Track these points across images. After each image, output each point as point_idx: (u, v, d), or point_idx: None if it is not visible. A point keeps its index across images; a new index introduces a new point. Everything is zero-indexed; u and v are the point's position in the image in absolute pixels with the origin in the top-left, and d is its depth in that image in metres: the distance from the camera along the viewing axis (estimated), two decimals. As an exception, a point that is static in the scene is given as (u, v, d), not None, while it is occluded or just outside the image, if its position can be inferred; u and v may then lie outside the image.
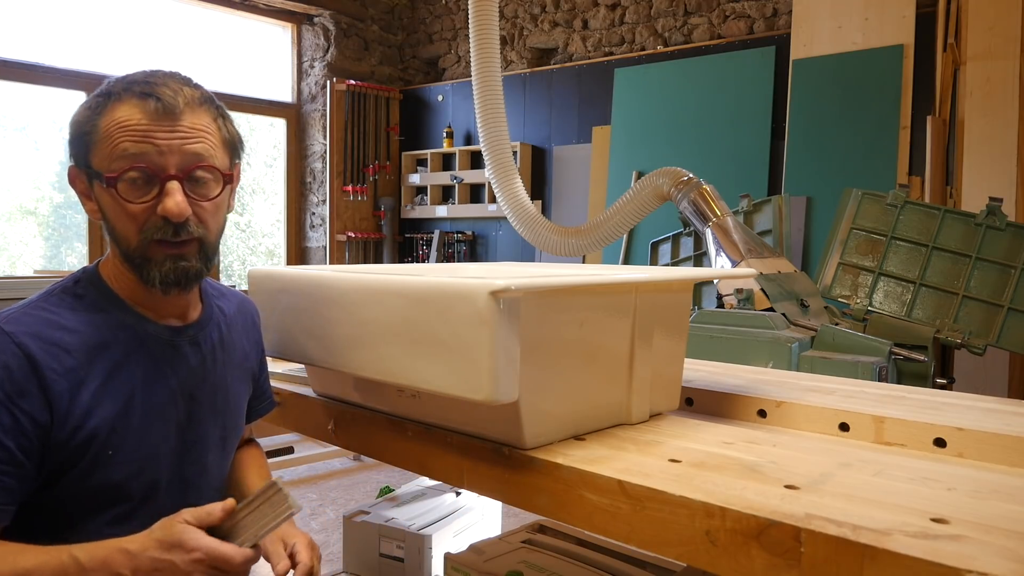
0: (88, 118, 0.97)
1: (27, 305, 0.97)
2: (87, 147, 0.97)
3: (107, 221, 0.99)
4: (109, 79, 1.01)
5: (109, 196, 0.96)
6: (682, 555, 0.76)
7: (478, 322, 0.86)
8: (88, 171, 0.98)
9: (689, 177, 2.95)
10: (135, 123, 0.95)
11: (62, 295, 0.99)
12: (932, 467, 0.87)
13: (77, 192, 1.02)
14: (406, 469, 1.10)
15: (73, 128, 1.00)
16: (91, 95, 1.01)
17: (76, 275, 1.03)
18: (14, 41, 5.16)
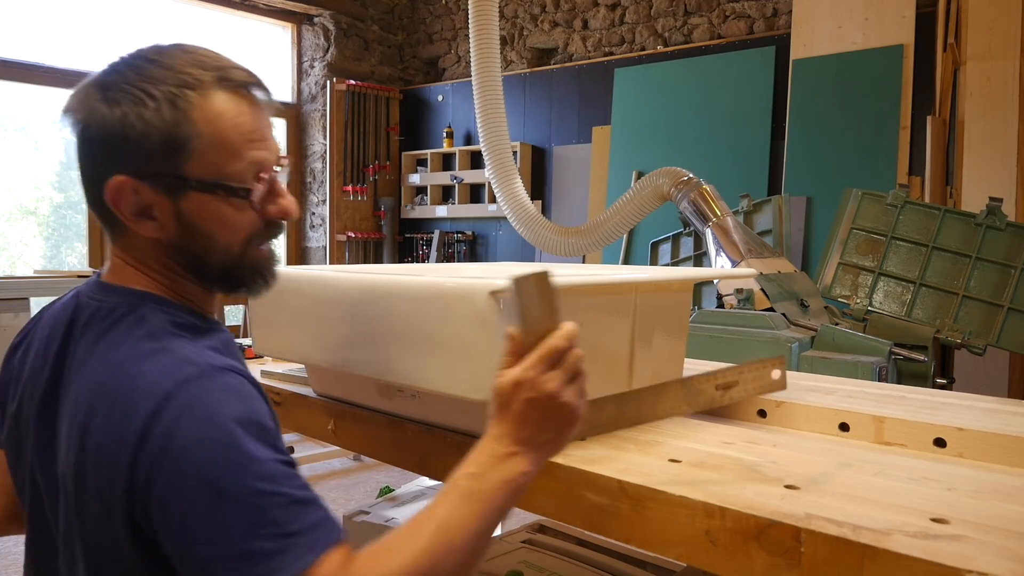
0: (171, 117, 0.77)
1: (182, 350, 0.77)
2: (173, 152, 0.78)
3: (191, 236, 0.82)
4: (141, 66, 0.79)
5: (215, 207, 0.80)
6: (682, 555, 0.76)
7: (478, 322, 0.86)
8: (176, 181, 0.79)
9: (689, 177, 2.95)
10: (248, 121, 0.81)
11: (173, 333, 0.80)
12: (932, 467, 0.87)
13: (124, 207, 0.80)
14: (406, 469, 1.10)
15: (134, 130, 0.77)
16: (141, 86, 0.78)
17: (134, 308, 0.82)
18: (14, 41, 5.17)
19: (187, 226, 0.81)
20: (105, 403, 0.75)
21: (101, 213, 0.84)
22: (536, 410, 0.75)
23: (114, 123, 0.77)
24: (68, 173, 5.74)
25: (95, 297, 0.85)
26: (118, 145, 0.78)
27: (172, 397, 0.72)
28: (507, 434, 0.76)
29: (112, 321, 0.81)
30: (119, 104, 0.77)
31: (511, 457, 0.76)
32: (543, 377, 0.75)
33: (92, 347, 0.81)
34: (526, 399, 0.75)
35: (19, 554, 2.78)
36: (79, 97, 0.80)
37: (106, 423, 0.74)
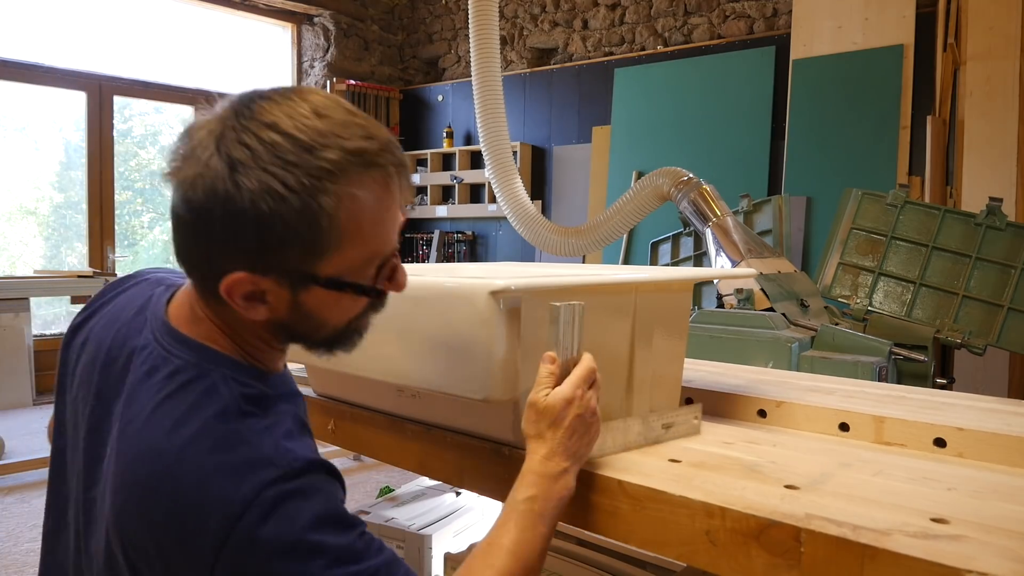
0: (311, 218, 0.68)
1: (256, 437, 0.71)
2: (311, 254, 0.70)
3: (302, 321, 0.75)
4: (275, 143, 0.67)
5: (336, 298, 0.74)
6: (682, 555, 0.76)
7: (478, 322, 0.86)
8: (304, 278, 0.71)
9: (689, 177, 2.95)
10: (385, 207, 0.72)
11: (245, 411, 0.73)
12: (932, 467, 0.87)
13: (237, 296, 0.71)
14: (406, 469, 1.10)
15: (271, 232, 0.67)
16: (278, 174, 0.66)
17: (205, 374, 0.74)
18: (14, 41, 5.17)
19: (301, 313, 0.74)
20: (168, 492, 0.68)
21: (198, 281, 0.75)
22: (583, 425, 0.82)
23: (247, 217, 0.67)
24: (68, 173, 5.74)
25: (164, 343, 0.77)
26: (248, 242, 0.68)
27: (251, 506, 0.67)
28: (558, 451, 0.81)
29: (179, 385, 0.73)
30: (253, 194, 0.66)
31: (564, 474, 0.81)
32: (588, 394, 0.83)
33: (155, 408, 0.73)
34: (577, 415, 0.81)
35: (20, 553, 2.78)
36: (198, 164, 0.68)
37: (170, 518, 0.68)
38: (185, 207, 0.69)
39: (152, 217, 6.27)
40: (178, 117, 6.21)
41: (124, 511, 0.71)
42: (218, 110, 0.71)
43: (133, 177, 6.11)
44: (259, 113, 0.68)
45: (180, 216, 0.70)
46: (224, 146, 0.67)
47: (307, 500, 0.69)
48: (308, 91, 0.72)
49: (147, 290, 0.88)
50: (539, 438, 0.82)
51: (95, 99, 5.52)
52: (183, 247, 0.73)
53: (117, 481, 0.72)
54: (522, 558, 0.77)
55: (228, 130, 0.68)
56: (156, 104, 6.07)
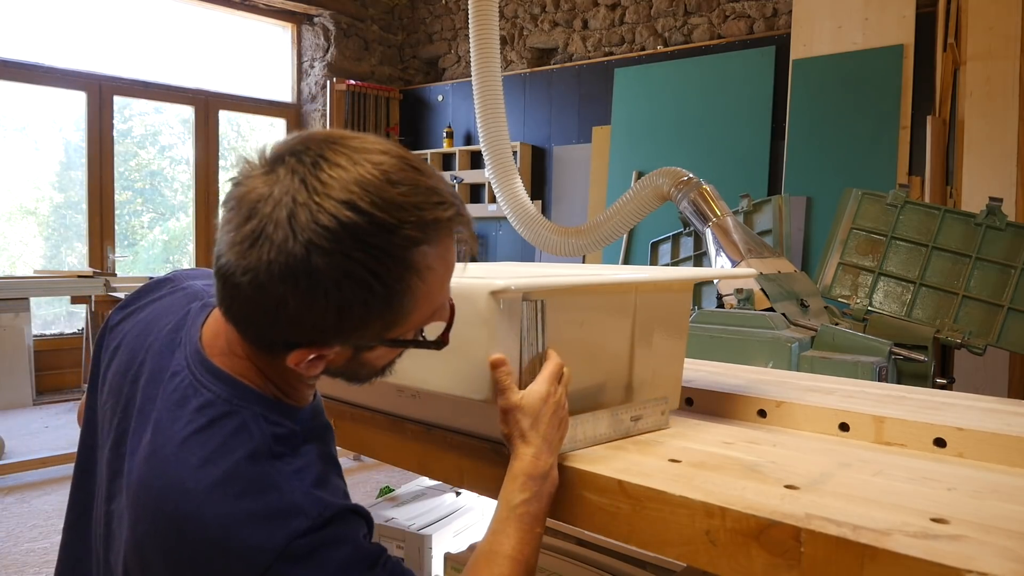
0: (392, 302, 0.68)
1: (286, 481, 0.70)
2: (387, 328, 0.71)
3: (355, 370, 0.76)
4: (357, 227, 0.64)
5: (395, 351, 0.77)
6: (682, 555, 0.76)
7: (478, 322, 0.86)
8: (366, 344, 0.72)
9: (689, 177, 2.95)
10: (450, 267, 0.74)
11: (275, 453, 0.72)
12: (932, 467, 0.87)
13: (302, 364, 0.71)
14: (406, 469, 1.10)
15: (351, 319, 0.67)
16: (365, 263, 0.64)
17: (236, 411, 0.73)
18: (14, 41, 5.17)
19: (356, 366, 0.75)
20: (193, 533, 0.67)
21: (251, 338, 0.73)
22: (557, 419, 0.85)
23: (328, 303, 0.65)
24: (68, 173, 5.74)
25: (196, 373, 0.75)
26: (325, 324, 0.67)
27: (282, 555, 0.66)
28: (543, 448, 0.83)
29: (209, 419, 0.72)
30: (335, 282, 0.64)
31: (552, 470, 0.84)
32: (559, 389, 0.87)
33: (183, 441, 0.71)
34: (552, 411, 0.85)
35: (20, 553, 2.78)
36: (271, 248, 0.64)
37: (195, 560, 0.67)
38: (255, 288, 0.65)
39: (152, 217, 6.27)
40: (178, 117, 6.21)
41: (146, 543, 0.70)
42: (276, 171, 0.66)
43: (133, 177, 6.11)
44: (330, 186, 0.64)
45: (245, 293, 0.66)
46: (299, 227, 0.63)
47: (336, 549, 0.69)
48: (371, 146, 0.68)
49: (183, 303, 0.85)
50: (522, 438, 0.84)
51: (95, 99, 5.52)
52: (243, 314, 0.70)
53: (139, 511, 0.71)
54: (524, 561, 0.79)
55: (300, 207, 0.63)
56: (156, 104, 6.07)
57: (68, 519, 0.90)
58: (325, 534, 0.69)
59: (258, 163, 0.68)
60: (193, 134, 6.07)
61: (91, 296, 4.14)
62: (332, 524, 0.70)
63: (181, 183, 6.32)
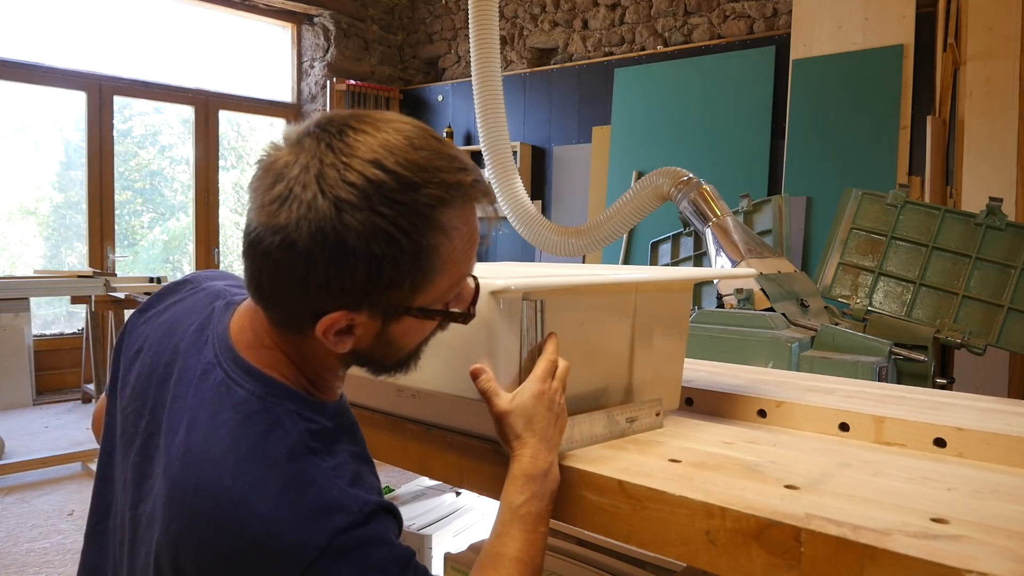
0: (420, 261, 0.68)
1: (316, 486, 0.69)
2: (415, 291, 0.70)
3: (383, 348, 0.75)
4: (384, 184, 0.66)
5: (422, 325, 0.76)
6: (682, 555, 0.76)
7: (478, 322, 0.86)
8: (400, 311, 0.72)
9: (689, 177, 2.95)
10: (474, 235, 0.73)
11: (312, 449, 0.72)
12: (932, 467, 0.87)
13: (328, 334, 0.71)
14: (406, 469, 1.10)
15: (381, 277, 0.67)
16: (393, 219, 0.66)
17: (270, 408, 0.72)
18: (14, 41, 5.17)
19: (385, 341, 0.74)
20: (234, 531, 0.67)
21: (280, 316, 0.73)
22: (553, 415, 0.84)
23: (357, 260, 0.66)
24: (68, 173, 5.74)
25: (228, 370, 0.75)
26: (355, 283, 0.67)
27: (325, 551, 0.66)
28: (541, 448, 0.83)
29: (243, 416, 0.72)
30: (364, 236, 0.65)
31: (551, 467, 0.83)
32: (554, 385, 0.85)
33: (218, 440, 0.71)
34: (547, 408, 0.84)
35: (20, 553, 2.78)
36: (300, 206, 0.65)
37: (235, 557, 0.67)
38: (285, 250, 0.66)
39: (152, 217, 6.27)
40: (178, 117, 6.21)
41: (181, 543, 0.69)
42: (302, 142, 0.68)
43: (133, 177, 6.11)
44: (356, 148, 0.66)
45: (275, 258, 0.67)
46: (327, 185, 0.65)
47: (376, 547, 0.70)
48: (392, 118, 0.71)
49: (205, 303, 0.85)
50: (518, 440, 0.83)
51: (95, 99, 5.52)
52: (272, 287, 0.70)
53: (174, 511, 0.70)
54: (530, 562, 0.79)
55: (328, 168, 0.65)
56: (156, 104, 6.06)
57: (88, 526, 0.89)
58: (365, 531, 0.69)
59: (283, 142, 0.69)
60: (193, 134, 6.07)
61: (91, 296, 4.14)
62: (370, 522, 0.70)
63: (181, 183, 6.32)
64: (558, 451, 0.86)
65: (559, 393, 0.86)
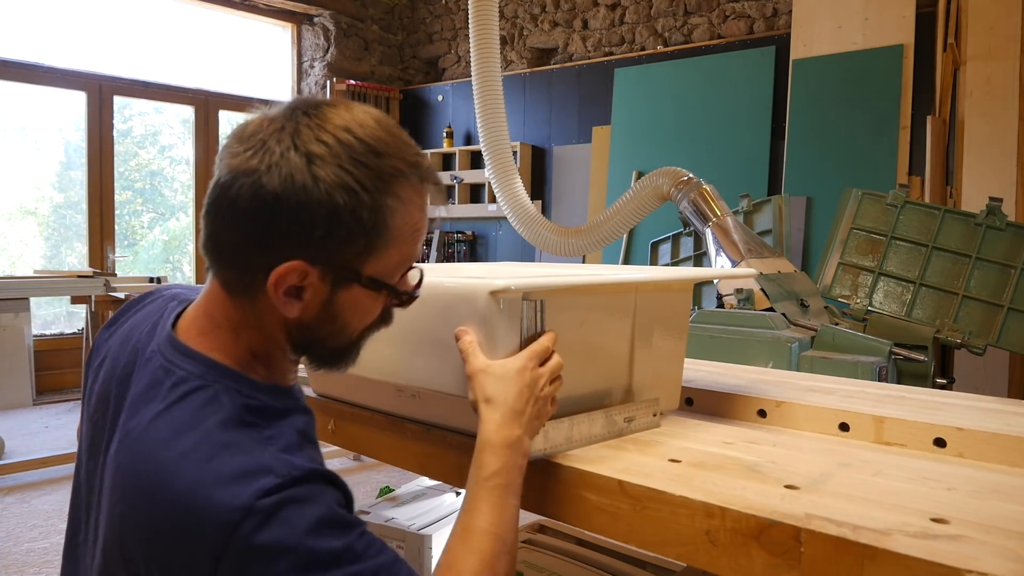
0: (377, 218, 0.73)
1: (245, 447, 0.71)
2: (366, 252, 0.74)
3: (327, 321, 0.78)
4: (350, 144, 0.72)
5: (366, 301, 0.78)
6: (682, 555, 0.76)
7: (478, 322, 0.86)
8: (351, 275, 0.75)
9: (689, 177, 2.95)
10: (423, 218, 0.78)
11: (248, 422, 0.73)
12: (932, 467, 0.87)
13: (279, 288, 0.73)
14: (406, 469, 1.10)
15: (342, 224, 0.71)
16: (356, 174, 0.71)
17: (208, 384, 0.74)
18: (14, 41, 5.17)
19: (330, 313, 0.77)
20: (166, 501, 0.68)
21: (234, 276, 0.75)
22: (531, 393, 0.84)
23: (321, 207, 0.70)
24: (68, 173, 5.74)
25: (167, 356, 0.77)
26: (316, 232, 0.71)
27: (250, 513, 0.66)
28: (509, 416, 0.82)
29: (180, 395, 0.73)
30: (330, 186, 0.70)
31: (520, 440, 0.82)
32: (541, 370, 0.86)
33: (155, 418, 0.73)
34: (525, 385, 0.83)
35: (20, 553, 2.78)
36: (272, 155, 0.70)
37: (169, 528, 0.68)
38: (254, 195, 0.70)
39: (152, 217, 6.27)
40: (178, 117, 6.20)
41: (124, 521, 0.70)
42: (279, 111, 0.73)
43: (133, 177, 6.11)
44: (331, 117, 0.73)
45: (240, 205, 0.70)
46: (300, 141, 0.71)
47: (305, 505, 0.68)
48: (362, 106, 0.78)
49: (161, 306, 0.87)
50: (488, 403, 0.83)
51: (95, 99, 5.52)
52: (231, 237, 0.73)
53: (116, 492, 0.72)
54: (500, 536, 0.78)
55: (303, 127, 0.71)
56: (156, 104, 6.06)
57: (65, 540, 0.91)
58: (294, 492, 0.68)
59: (257, 115, 0.75)
60: (193, 134, 6.07)
61: (91, 296, 4.14)
62: (301, 483, 0.69)
63: (181, 183, 6.32)
64: (533, 435, 0.85)
65: (544, 380, 0.85)
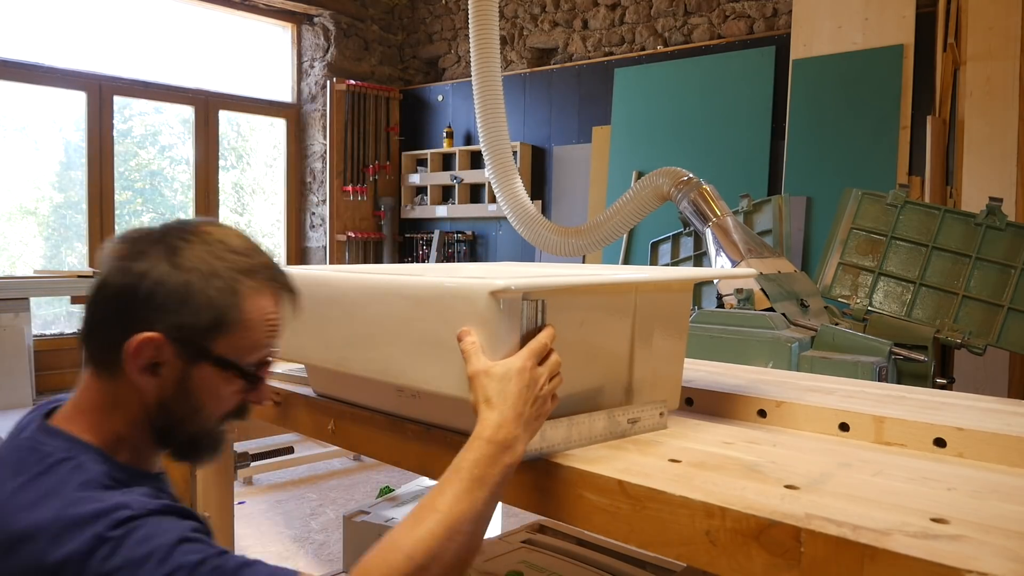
0: (229, 300, 0.83)
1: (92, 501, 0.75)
2: (216, 329, 0.83)
3: (183, 401, 0.85)
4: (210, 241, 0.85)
5: (217, 383, 0.86)
6: (682, 555, 0.76)
7: (478, 322, 0.86)
8: (202, 351, 0.84)
9: (689, 177, 2.95)
10: (277, 320, 0.88)
11: (109, 486, 0.79)
12: (932, 467, 0.87)
13: (139, 360, 0.82)
14: (406, 469, 1.10)
15: (195, 300, 0.82)
16: (211, 263, 0.83)
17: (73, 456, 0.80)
18: (14, 41, 5.17)
19: (185, 391, 0.85)
20: (26, 553, 0.72)
21: (102, 357, 0.85)
22: (530, 394, 0.84)
23: (177, 283, 0.81)
24: (68, 173, 5.74)
25: (36, 439, 0.83)
26: (173, 305, 0.81)
27: (102, 543, 0.71)
28: (509, 417, 0.82)
29: (47, 466, 0.79)
30: (186, 271, 0.82)
31: (516, 444, 0.82)
32: (540, 370, 0.86)
33: (21, 487, 0.77)
34: (525, 385, 0.83)
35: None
36: (138, 246, 0.83)
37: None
38: (122, 275, 0.82)
39: (152, 217, 6.27)
40: (178, 117, 6.20)
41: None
42: (157, 227, 0.87)
43: (133, 177, 6.10)
44: (202, 230, 0.86)
45: (110, 283, 0.83)
46: (168, 240, 0.83)
47: (163, 529, 0.74)
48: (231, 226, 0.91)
49: (23, 420, 0.92)
50: (487, 403, 0.83)
51: (95, 99, 5.52)
52: (100, 315, 0.84)
53: None
54: (452, 522, 0.77)
55: (170, 234, 0.84)
56: (156, 104, 6.06)
57: None
58: (150, 519, 0.74)
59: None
60: (193, 134, 6.07)
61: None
62: (157, 515, 0.75)
63: (181, 183, 6.32)
64: (532, 435, 0.85)
65: (544, 379, 0.85)
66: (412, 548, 0.75)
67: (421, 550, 0.75)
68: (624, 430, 0.99)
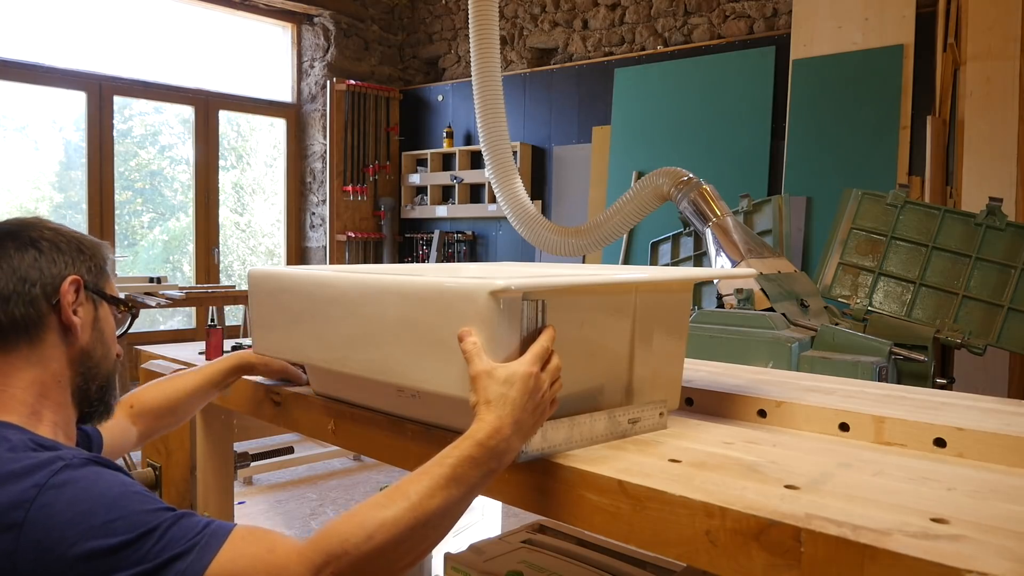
0: (103, 254, 1.04)
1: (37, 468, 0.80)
2: (103, 274, 1.02)
3: (98, 341, 0.99)
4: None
5: (112, 320, 1.03)
6: (682, 555, 0.76)
7: (478, 322, 0.86)
8: (96, 292, 1.00)
9: (689, 177, 2.95)
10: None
11: (34, 450, 0.84)
12: (932, 467, 0.87)
13: (65, 303, 0.95)
14: (406, 469, 1.09)
15: (91, 250, 1.01)
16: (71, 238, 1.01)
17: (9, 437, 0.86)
18: (14, 41, 5.17)
19: (98, 331, 0.99)
20: None
21: (17, 320, 0.92)
22: (532, 402, 0.83)
23: (72, 238, 1.00)
24: (68, 173, 5.74)
25: None
26: (76, 254, 0.98)
27: (43, 490, 0.76)
28: (507, 422, 0.81)
29: None
30: (61, 232, 1.00)
31: (508, 450, 0.82)
32: (543, 376, 0.85)
33: None
34: (528, 391, 0.83)
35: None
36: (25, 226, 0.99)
37: None
38: (19, 243, 0.95)
39: (152, 217, 6.27)
40: (178, 117, 6.21)
41: None
42: None
43: (133, 177, 6.10)
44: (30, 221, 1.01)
45: (10, 254, 0.93)
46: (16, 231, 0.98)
47: (100, 476, 0.79)
48: None
49: None
50: (487, 405, 0.83)
51: (95, 99, 5.52)
52: (8, 283, 0.92)
53: None
54: (421, 514, 0.77)
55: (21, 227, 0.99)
56: (156, 104, 6.06)
57: None
58: (87, 467, 0.79)
59: None
60: (193, 134, 6.07)
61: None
62: (92, 464, 0.80)
63: (181, 183, 6.32)
64: (526, 438, 0.84)
65: (546, 384, 0.85)
66: (375, 529, 0.75)
67: (382, 533, 0.75)
68: (624, 430, 0.99)
